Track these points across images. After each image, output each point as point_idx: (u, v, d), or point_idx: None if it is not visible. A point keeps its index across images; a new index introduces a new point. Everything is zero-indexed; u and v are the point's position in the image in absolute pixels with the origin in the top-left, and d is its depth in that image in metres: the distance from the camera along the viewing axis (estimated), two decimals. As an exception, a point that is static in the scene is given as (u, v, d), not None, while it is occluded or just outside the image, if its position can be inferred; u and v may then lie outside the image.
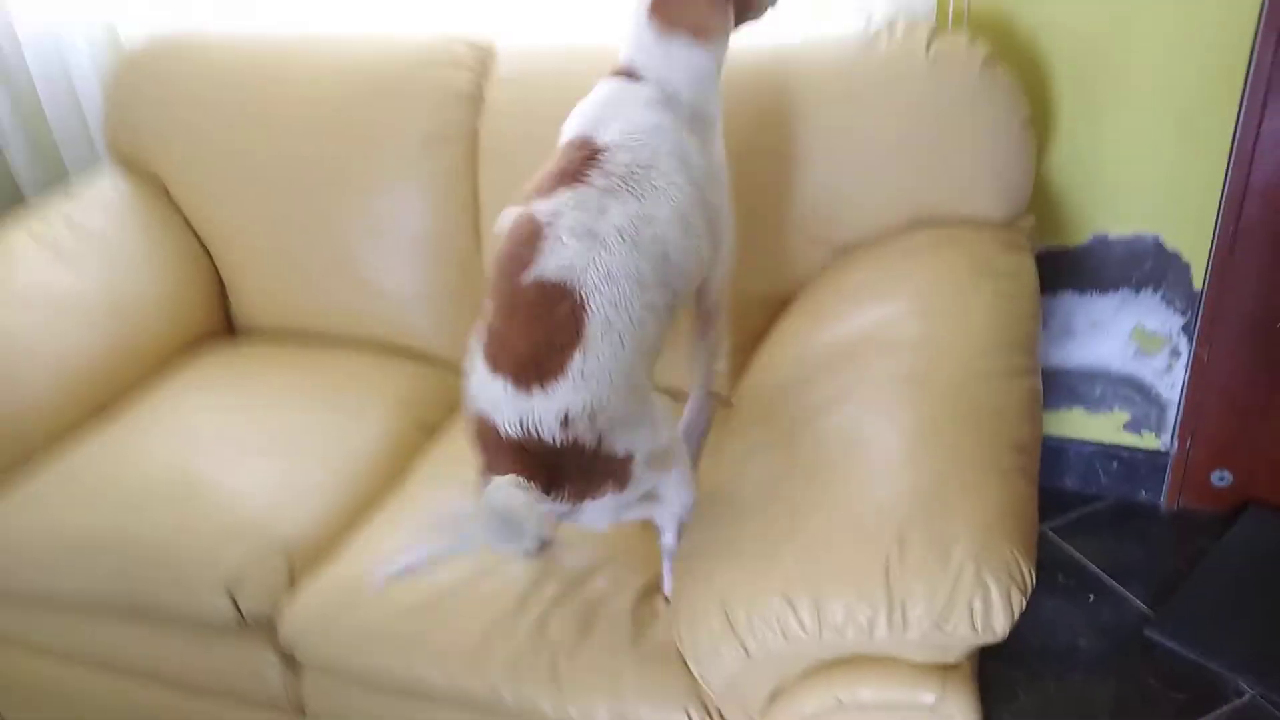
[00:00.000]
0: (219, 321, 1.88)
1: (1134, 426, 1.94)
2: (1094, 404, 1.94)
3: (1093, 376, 1.92)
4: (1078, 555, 1.88)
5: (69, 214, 1.79)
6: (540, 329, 1.01)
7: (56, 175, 2.39)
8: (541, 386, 0.99)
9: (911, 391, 1.15)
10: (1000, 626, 0.94)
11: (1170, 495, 1.94)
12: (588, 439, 1.00)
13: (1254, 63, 1.56)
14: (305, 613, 1.29)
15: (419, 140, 1.68)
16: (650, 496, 1.14)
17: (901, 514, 0.99)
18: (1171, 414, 1.90)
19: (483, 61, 1.70)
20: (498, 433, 1.01)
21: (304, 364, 1.73)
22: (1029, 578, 0.97)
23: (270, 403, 1.62)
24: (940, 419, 1.11)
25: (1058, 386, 1.95)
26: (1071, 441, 1.98)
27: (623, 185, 1.10)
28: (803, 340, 1.35)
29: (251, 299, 1.85)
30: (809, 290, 1.48)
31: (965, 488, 1.02)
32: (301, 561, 1.34)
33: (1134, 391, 1.91)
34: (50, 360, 1.60)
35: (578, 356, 1.00)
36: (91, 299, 1.69)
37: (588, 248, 1.04)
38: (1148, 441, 1.94)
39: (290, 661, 1.33)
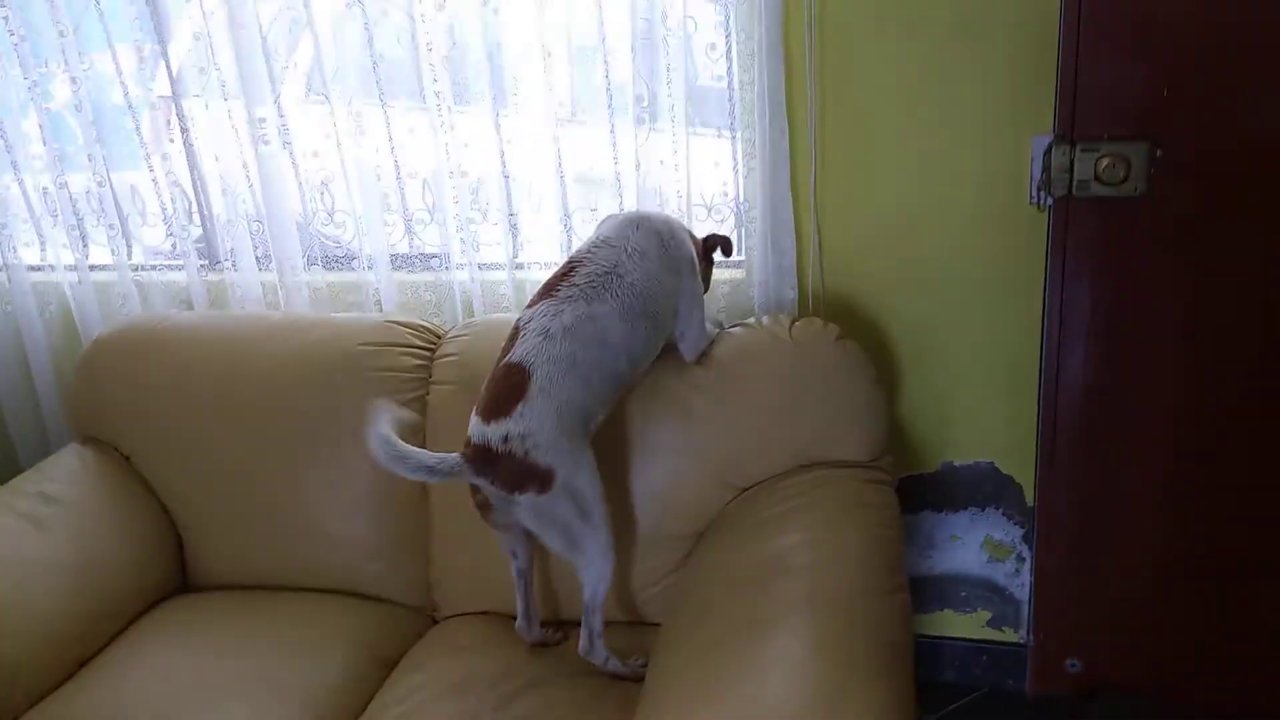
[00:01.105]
0: (179, 578, 2.03)
1: (995, 623, 2.25)
2: (960, 605, 2.25)
3: (956, 581, 2.24)
4: (964, 744, 2.13)
5: (40, 488, 1.96)
6: (501, 389, 1.57)
7: (5, 448, 2.53)
8: (495, 420, 1.55)
9: (807, 610, 1.43)
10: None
11: (1032, 682, 2.23)
12: (518, 452, 1.53)
13: (1045, 325, 1.99)
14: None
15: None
16: (574, 545, 1.61)
17: (806, 708, 1.24)
18: (1024, 611, 2.22)
19: (428, 342, 2.01)
20: (472, 443, 1.56)
21: (265, 611, 1.89)
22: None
23: (237, 648, 1.77)
24: (833, 630, 1.38)
25: (929, 591, 2.26)
26: (946, 639, 2.27)
27: (580, 292, 1.62)
28: (721, 568, 1.62)
29: (211, 556, 2.02)
30: (717, 524, 1.77)
31: (855, 689, 1.27)
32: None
33: (991, 593, 2.23)
34: (33, 622, 1.73)
35: (520, 405, 1.55)
36: (63, 563, 1.84)
37: (540, 342, 1.58)
38: (1008, 636, 2.25)
39: None
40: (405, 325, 2.03)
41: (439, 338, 2.02)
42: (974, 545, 2.20)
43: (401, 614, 1.91)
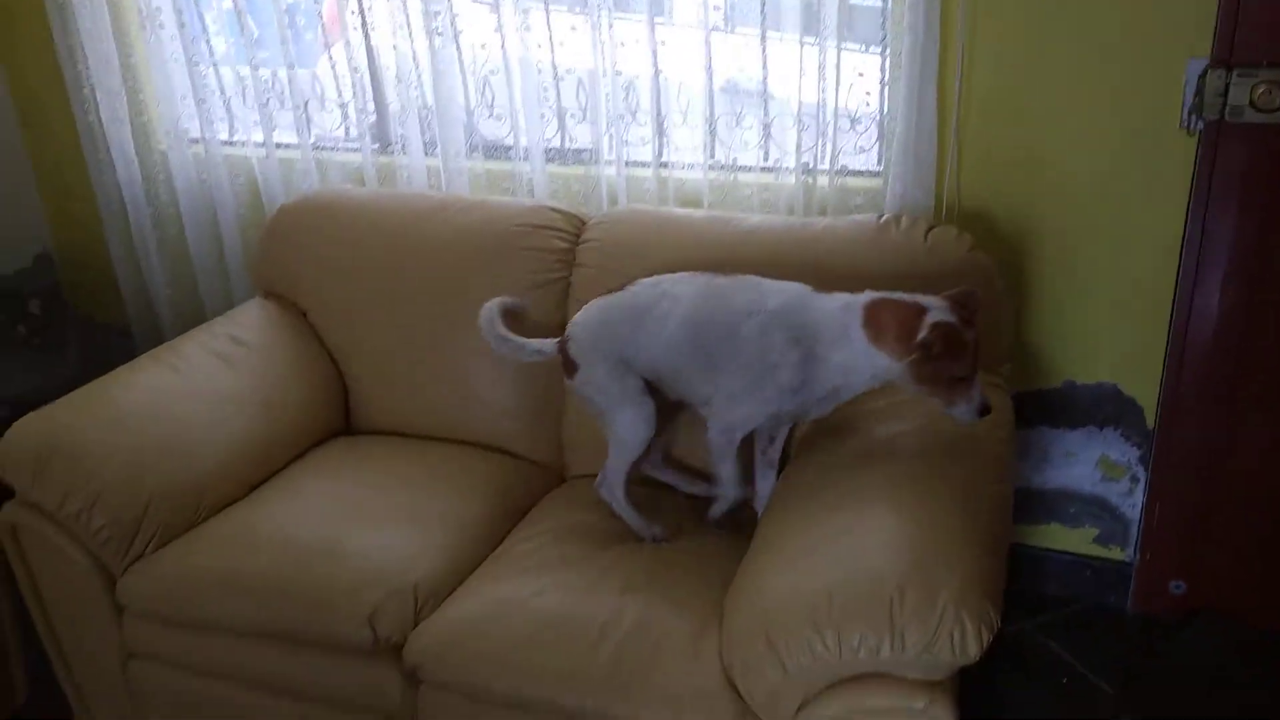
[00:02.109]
0: (345, 421, 2.28)
1: (1103, 540, 2.29)
2: (1069, 520, 2.30)
3: (1068, 497, 2.28)
4: (1055, 648, 2.20)
5: (229, 331, 2.21)
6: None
7: (192, 300, 2.83)
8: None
9: (911, 488, 1.53)
10: (973, 651, 1.29)
11: (1135, 601, 2.28)
12: (566, 342, 1.86)
13: (1183, 260, 1.99)
14: (427, 642, 1.64)
15: (521, 288, 2.09)
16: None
17: (902, 571, 1.35)
18: (1134, 531, 2.25)
19: (575, 228, 2.15)
20: None
21: (415, 456, 2.11)
22: (995, 619, 1.32)
23: (390, 484, 1.99)
24: (933, 508, 1.48)
25: (1039, 505, 2.31)
26: (1051, 551, 2.33)
27: (709, 301, 1.76)
28: (833, 449, 1.73)
29: (373, 403, 2.25)
30: (835, 411, 1.87)
31: (949, 557, 1.38)
32: (425, 601, 1.70)
33: (1102, 511, 2.27)
34: (217, 443, 1.98)
35: (580, 312, 1.88)
36: (248, 396, 2.09)
37: (643, 286, 1.83)
38: (1115, 554, 2.29)
39: (409, 680, 1.67)
40: (555, 210, 2.18)
41: (584, 224, 2.16)
42: (1089, 463, 2.24)
43: (534, 470, 2.10)
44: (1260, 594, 2.16)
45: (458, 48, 2.33)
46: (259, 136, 2.59)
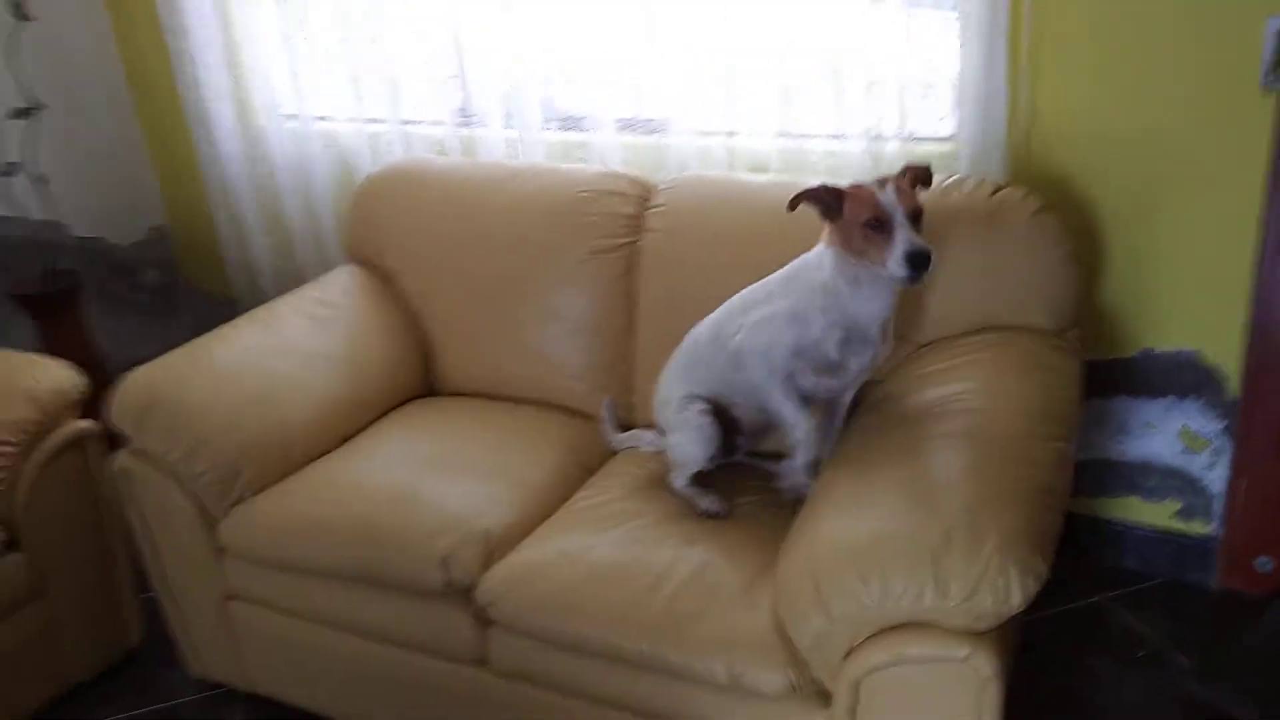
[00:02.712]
0: (425, 383, 2.38)
1: (1184, 514, 2.23)
2: (1149, 493, 2.25)
3: (1147, 469, 2.23)
4: (1133, 622, 2.16)
5: (318, 295, 2.34)
6: None
7: (292, 269, 2.98)
8: None
9: (967, 441, 1.54)
10: (1016, 601, 1.30)
11: (1219, 577, 2.21)
12: None
13: (1267, 216, 1.92)
14: (497, 584, 1.72)
15: (588, 252, 2.17)
16: None
17: (949, 519, 1.36)
18: (1217, 505, 2.19)
19: (643, 194, 2.20)
20: None
21: (491, 416, 2.20)
22: (1042, 569, 1.32)
23: (467, 441, 2.09)
24: (986, 461, 1.49)
25: (1117, 477, 2.27)
26: (1130, 525, 2.29)
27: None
28: (891, 406, 1.75)
29: (452, 365, 2.35)
30: (896, 372, 1.88)
31: (998, 506, 1.39)
32: (495, 547, 1.78)
33: (1183, 484, 2.21)
34: (308, 397, 2.11)
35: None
36: (336, 355, 2.21)
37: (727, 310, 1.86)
38: (1197, 528, 2.23)
39: (480, 622, 1.75)
40: (624, 176, 2.24)
41: (652, 190, 2.21)
42: (1169, 434, 2.19)
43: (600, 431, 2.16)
44: (1350, 571, 2.08)
45: (535, 20, 2.39)
46: (351, 111, 2.71)
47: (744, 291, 1.81)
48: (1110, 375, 2.18)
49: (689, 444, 1.85)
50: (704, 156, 2.33)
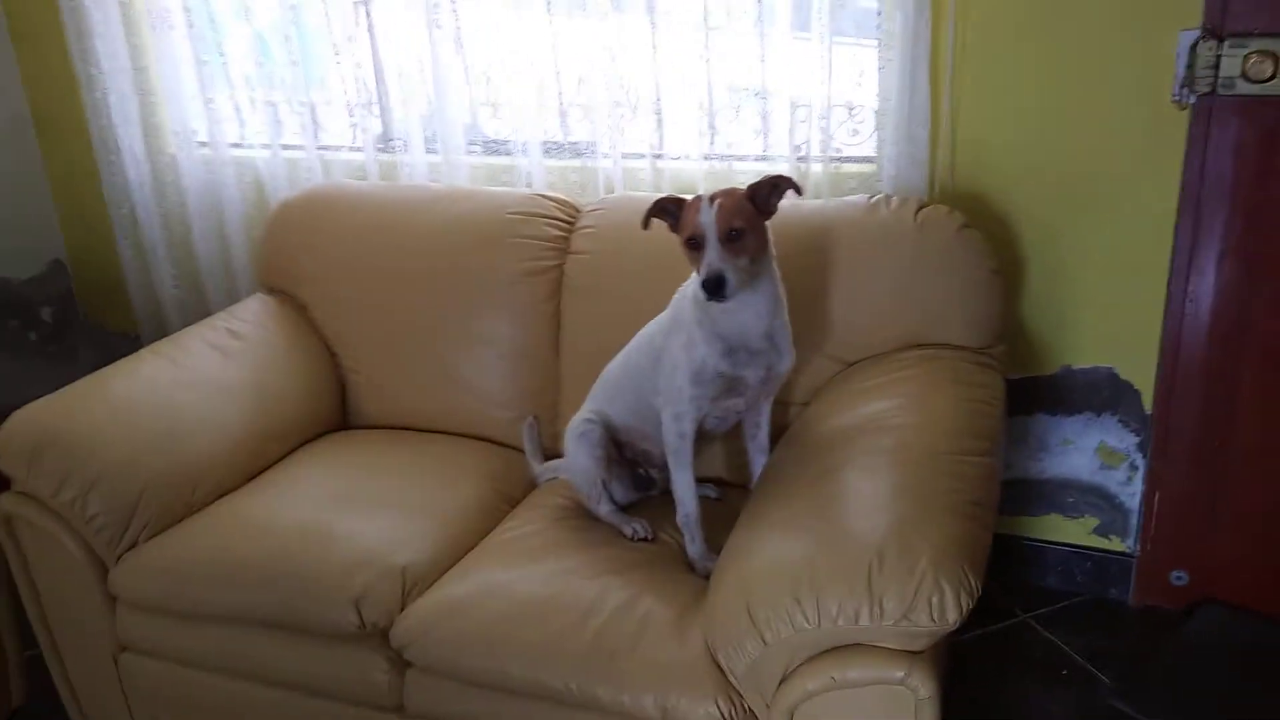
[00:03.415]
0: (341, 415, 2.29)
1: (1102, 530, 2.26)
2: (1068, 510, 2.27)
3: (1066, 486, 2.26)
4: (1056, 640, 2.17)
5: (228, 325, 2.24)
6: None
7: (199, 300, 2.86)
8: None
9: (895, 458, 1.53)
10: (951, 618, 1.27)
11: (1136, 593, 2.24)
12: None
13: (1178, 239, 1.97)
14: (416, 622, 1.64)
15: (515, 275, 2.13)
16: None
17: (881, 537, 1.34)
18: (1134, 521, 2.22)
19: (570, 215, 2.17)
20: None
21: (409, 449, 2.13)
22: (975, 585, 1.30)
23: (383, 474, 2.01)
24: (915, 479, 1.48)
25: (1037, 495, 2.29)
26: (1050, 544, 2.30)
27: None
28: (819, 426, 1.73)
29: (369, 397, 2.27)
30: (823, 392, 1.87)
31: (929, 524, 1.37)
32: (413, 585, 1.70)
33: (1101, 500, 2.24)
34: (213, 432, 2.00)
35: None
36: (246, 387, 2.11)
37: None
38: (1114, 544, 2.26)
39: (396, 665, 1.67)
40: (550, 199, 2.20)
41: (579, 211, 2.18)
42: (1087, 451, 2.22)
43: (525, 460, 2.10)
44: (1265, 582, 2.12)
45: (460, 46, 2.35)
46: (265, 137, 2.63)
47: (651, 323, 1.80)
48: (1030, 392, 2.20)
49: (576, 453, 1.82)
50: (631, 179, 2.31)
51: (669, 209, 1.62)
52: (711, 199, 1.56)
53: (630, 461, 1.86)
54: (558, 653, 1.53)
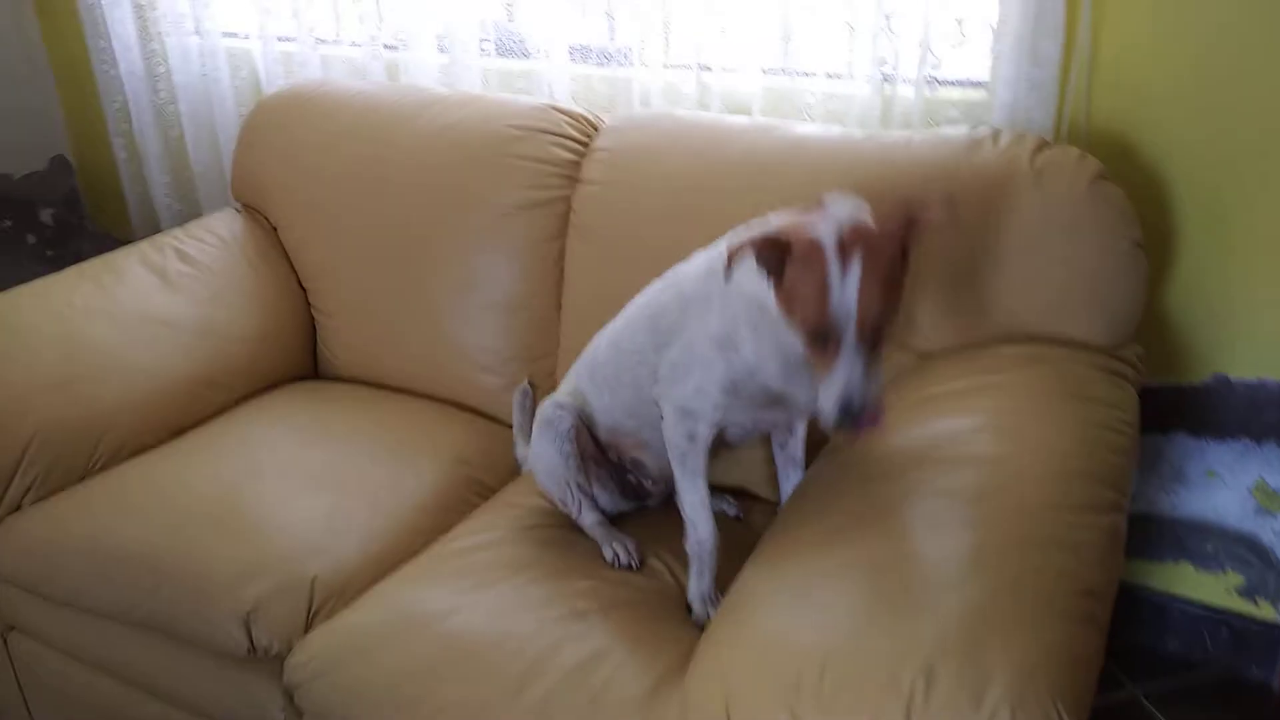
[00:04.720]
0: (306, 364, 1.92)
1: (1248, 592, 1.75)
2: (1205, 561, 1.76)
3: (1205, 530, 1.75)
4: (1175, 729, 1.69)
5: (180, 245, 1.88)
6: None
7: (194, 213, 2.52)
8: None
9: (973, 512, 1.06)
10: (1032, 785, 0.82)
11: (1286, 675, 1.74)
12: None
13: None
14: (313, 656, 1.26)
15: (513, 205, 1.70)
16: None
17: (935, 641, 0.89)
18: (1293, 583, 1.71)
19: (585, 134, 1.72)
20: None
21: (376, 411, 1.74)
22: (1075, 733, 0.85)
23: (335, 443, 1.63)
24: (1001, 546, 1.01)
25: (1165, 536, 1.78)
26: (1176, 599, 1.80)
27: None
28: (872, 444, 1.27)
29: (339, 345, 1.89)
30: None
31: (1014, 623, 0.91)
32: (323, 602, 1.32)
33: (1251, 553, 1.73)
34: (135, 375, 1.65)
35: None
36: (188, 325, 1.75)
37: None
38: (1264, 611, 1.75)
39: (294, 703, 1.29)
40: (564, 113, 1.75)
41: (596, 130, 1.73)
42: (1239, 488, 1.70)
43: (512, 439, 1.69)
44: None
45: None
46: (259, 27, 2.24)
47: (651, 291, 1.34)
48: (1168, 405, 1.69)
49: (541, 444, 1.40)
50: (671, 94, 1.85)
51: (764, 254, 1.07)
52: (845, 248, 1.02)
53: (615, 464, 1.43)
54: (482, 724, 1.13)
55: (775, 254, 1.06)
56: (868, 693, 0.88)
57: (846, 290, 1.02)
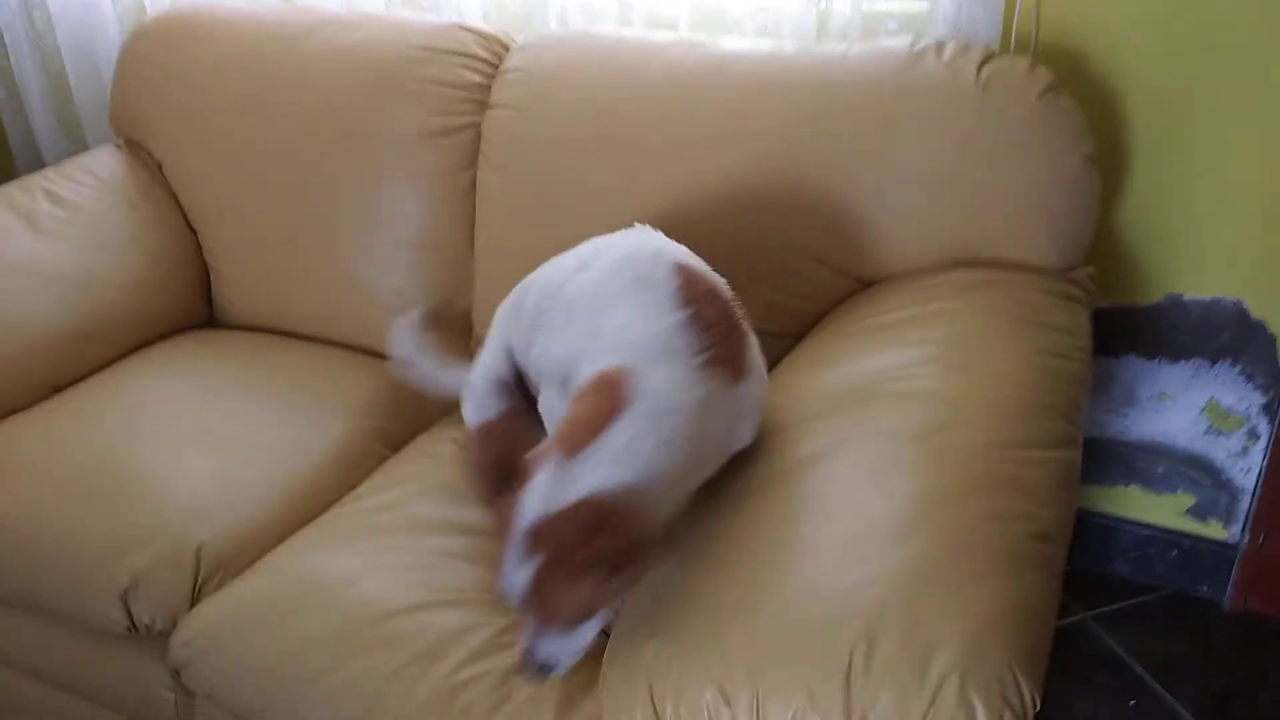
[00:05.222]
0: (199, 312, 1.76)
1: (1199, 512, 1.70)
2: (1155, 483, 1.71)
3: (1155, 452, 1.69)
4: (1121, 651, 1.65)
5: (51, 186, 1.70)
6: None
7: (79, 149, 2.32)
8: None
9: (917, 453, 0.96)
10: (985, 760, 0.74)
11: (1236, 594, 1.70)
12: None
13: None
14: (199, 632, 1.15)
15: (418, 134, 1.56)
16: None
17: (877, 602, 0.80)
18: (1244, 503, 1.66)
19: (496, 56, 1.57)
20: None
21: (276, 360, 1.60)
22: (1030, 703, 0.77)
23: (229, 397, 1.48)
24: (948, 490, 0.92)
25: (1115, 459, 1.72)
26: (1126, 522, 1.75)
27: None
28: (803, 382, 1.16)
29: (235, 289, 1.73)
30: (821, 326, 1.30)
31: (964, 578, 0.82)
32: (211, 572, 1.20)
33: (1202, 473, 1.68)
34: (1, 331, 1.49)
35: None
36: (60, 274, 1.58)
37: None
38: (1213, 530, 1.70)
39: (182, 684, 1.18)
40: (473, 32, 1.59)
41: (506, 50, 1.58)
42: (1191, 409, 1.64)
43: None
44: None
45: None
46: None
47: (562, 266, 1.16)
48: (1120, 326, 1.61)
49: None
50: (590, 12, 1.70)
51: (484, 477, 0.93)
52: (533, 539, 0.86)
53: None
54: (381, 705, 1.02)
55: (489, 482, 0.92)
56: (800, 663, 0.78)
57: (516, 580, 0.87)
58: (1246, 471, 1.65)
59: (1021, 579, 0.84)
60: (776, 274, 1.34)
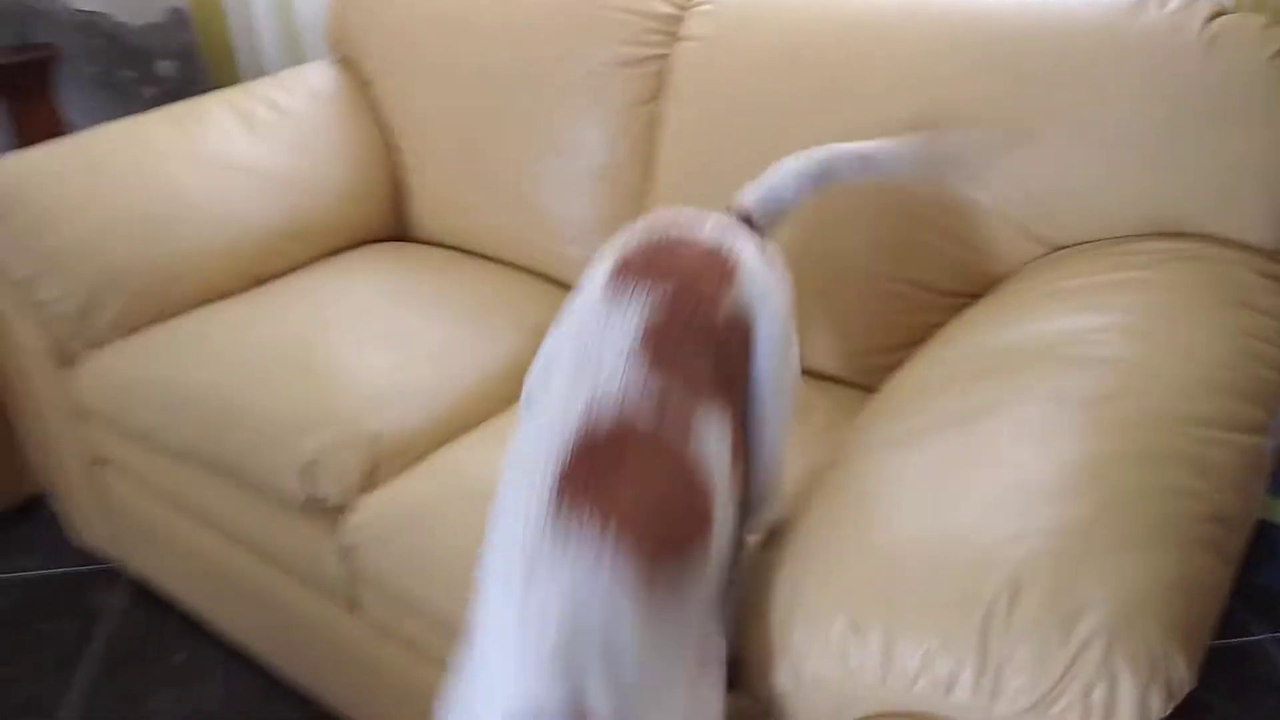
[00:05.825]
0: (394, 224, 1.87)
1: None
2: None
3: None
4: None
5: (270, 93, 1.82)
6: None
7: (299, 63, 2.47)
8: None
9: (1089, 419, 0.92)
10: (1123, 728, 0.71)
11: None
12: None
13: None
14: (371, 520, 1.23)
15: (606, 62, 1.58)
16: None
17: (1025, 554, 0.77)
18: None
19: (690, -13, 1.57)
20: None
21: (457, 275, 1.68)
22: (1183, 678, 0.73)
23: (412, 304, 1.57)
24: (1115, 457, 0.87)
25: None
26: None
27: None
28: (976, 339, 1.13)
29: (427, 205, 1.82)
30: (1004, 285, 1.25)
31: (1123, 545, 0.78)
32: (384, 461, 1.28)
33: None
34: (216, 221, 1.62)
35: None
36: (272, 174, 1.71)
37: None
38: None
39: (349, 561, 1.27)
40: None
41: (704, -17, 1.57)
42: None
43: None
44: None
45: None
46: None
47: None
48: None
49: None
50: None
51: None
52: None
53: None
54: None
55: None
56: (938, 608, 0.77)
57: None
58: None
59: (1187, 558, 0.80)
60: (955, 234, 1.29)
